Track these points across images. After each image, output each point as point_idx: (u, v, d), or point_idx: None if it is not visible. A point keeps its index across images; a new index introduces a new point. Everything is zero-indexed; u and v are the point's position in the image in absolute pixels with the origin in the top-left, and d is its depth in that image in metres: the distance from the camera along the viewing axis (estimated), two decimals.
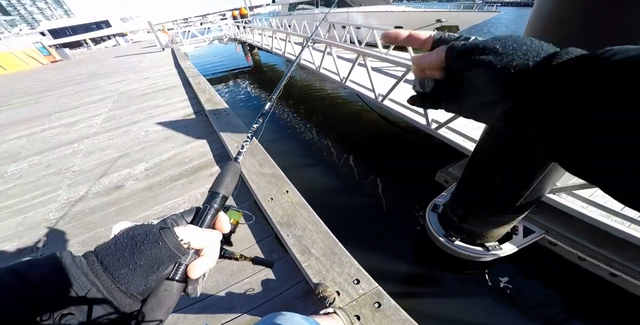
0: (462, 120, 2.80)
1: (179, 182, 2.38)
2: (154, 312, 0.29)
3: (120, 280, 0.27)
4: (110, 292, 0.27)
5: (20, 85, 7.83)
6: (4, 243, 1.93)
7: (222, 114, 3.27)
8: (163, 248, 0.29)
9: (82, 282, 0.26)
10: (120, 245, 0.29)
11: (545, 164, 1.56)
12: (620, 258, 2.00)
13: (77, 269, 0.27)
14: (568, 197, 2.11)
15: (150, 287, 0.29)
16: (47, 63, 14.15)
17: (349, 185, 3.68)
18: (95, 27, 29.06)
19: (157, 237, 0.29)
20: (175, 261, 0.30)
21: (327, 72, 5.30)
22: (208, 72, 10.39)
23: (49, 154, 3.19)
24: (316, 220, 1.73)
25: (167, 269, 0.30)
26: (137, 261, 0.28)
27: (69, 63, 12.30)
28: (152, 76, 6.26)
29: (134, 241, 0.29)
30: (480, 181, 1.94)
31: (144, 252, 0.28)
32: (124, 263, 0.28)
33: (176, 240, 0.30)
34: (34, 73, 10.39)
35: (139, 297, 0.28)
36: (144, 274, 0.28)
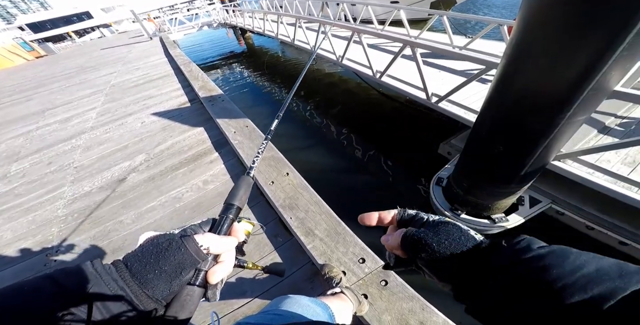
0: (461, 92, 2.78)
1: (179, 171, 2.44)
2: (178, 314, 0.31)
3: (147, 285, 0.30)
4: (138, 297, 0.29)
5: (8, 83, 7.78)
6: (20, 241, 2.02)
7: (217, 100, 3.26)
8: (185, 254, 0.32)
9: (113, 288, 0.29)
10: (146, 252, 0.32)
11: (548, 131, 1.55)
12: (629, 226, 2.01)
13: (107, 275, 0.29)
14: (574, 163, 2.12)
15: (173, 292, 0.32)
16: (32, 59, 13.86)
17: (350, 164, 3.72)
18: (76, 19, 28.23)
19: (179, 244, 0.33)
20: (195, 266, 0.33)
21: (322, 52, 5.20)
22: (200, 59, 10.21)
23: (49, 151, 3.25)
24: (318, 200, 1.77)
25: (188, 274, 0.33)
26: (162, 267, 0.31)
27: (55, 58, 12.11)
28: (142, 67, 6.18)
29: (159, 249, 0.32)
30: (483, 151, 1.95)
31: (167, 258, 0.31)
32: (150, 269, 0.30)
33: (196, 246, 0.33)
34: (20, 70, 10.26)
35: (163, 302, 0.31)
36: (168, 278, 0.31)
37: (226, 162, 2.45)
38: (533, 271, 0.26)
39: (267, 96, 6.61)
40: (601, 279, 0.23)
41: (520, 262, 0.28)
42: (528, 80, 1.41)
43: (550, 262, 0.26)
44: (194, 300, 0.33)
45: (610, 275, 0.23)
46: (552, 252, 0.27)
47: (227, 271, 0.36)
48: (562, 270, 0.25)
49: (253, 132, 2.53)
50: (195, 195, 2.15)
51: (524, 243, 0.30)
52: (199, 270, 0.34)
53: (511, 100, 1.56)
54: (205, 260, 0.35)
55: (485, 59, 2.36)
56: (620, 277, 0.23)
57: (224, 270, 0.35)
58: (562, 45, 1.16)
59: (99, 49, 10.85)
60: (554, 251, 0.27)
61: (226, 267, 0.36)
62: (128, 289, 0.29)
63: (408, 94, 3.37)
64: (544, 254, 0.27)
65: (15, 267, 1.82)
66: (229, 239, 0.38)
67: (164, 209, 2.08)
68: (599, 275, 0.23)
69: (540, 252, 0.27)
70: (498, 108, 1.72)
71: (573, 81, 1.24)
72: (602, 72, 1.15)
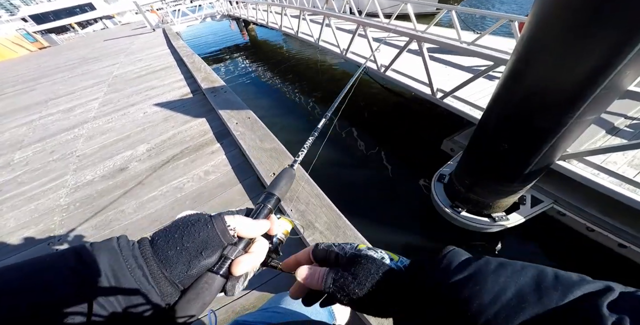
0: (467, 89, 2.77)
1: (181, 161, 2.45)
2: (190, 303, 0.29)
3: (166, 263, 0.29)
4: (155, 277, 0.28)
5: (12, 74, 7.82)
6: (23, 230, 2.04)
7: (219, 91, 3.26)
8: (210, 232, 0.31)
9: (130, 264, 0.28)
10: (174, 227, 0.31)
11: (556, 130, 1.53)
12: (631, 229, 2.01)
13: (128, 250, 0.29)
14: (579, 163, 2.10)
15: (191, 276, 0.30)
16: (35, 50, 13.93)
17: (352, 158, 3.72)
18: (79, 11, 28.13)
19: (207, 221, 0.32)
20: (220, 249, 0.31)
21: (326, 45, 5.16)
22: (204, 51, 10.18)
23: (51, 140, 3.28)
24: (319, 193, 1.76)
25: (210, 258, 0.31)
26: (185, 243, 0.30)
27: (58, 49, 12.12)
28: (145, 58, 6.17)
29: (186, 224, 0.31)
30: (488, 149, 1.94)
31: (192, 234, 0.30)
32: (172, 245, 0.30)
33: (224, 225, 0.32)
34: (24, 60, 10.30)
35: (179, 286, 0.29)
36: (187, 257, 0.29)
37: (228, 153, 2.46)
38: (455, 305, 0.26)
39: (269, 88, 6.60)
40: (521, 307, 0.23)
41: (441, 292, 0.27)
42: (538, 77, 1.39)
43: (470, 293, 0.25)
44: (211, 290, 0.30)
45: (529, 299, 0.23)
46: (472, 277, 0.27)
47: (254, 264, 0.33)
48: (482, 302, 0.24)
49: (255, 123, 2.53)
50: (197, 185, 2.16)
51: (445, 262, 0.30)
52: (225, 258, 0.31)
53: (519, 97, 1.55)
54: (232, 246, 0.32)
55: (494, 55, 2.33)
56: (539, 300, 0.23)
57: (250, 262, 0.33)
58: (577, 42, 1.14)
59: (101, 41, 10.84)
60: (472, 275, 0.27)
61: (254, 258, 0.33)
62: (146, 268, 0.28)
63: (413, 89, 3.35)
64: (463, 281, 0.27)
65: (18, 255, 1.85)
66: (260, 222, 0.36)
67: (165, 198, 2.10)
68: (519, 303, 0.24)
69: (458, 278, 0.27)
70: (505, 105, 1.70)
71: (585, 79, 1.21)
72: (616, 70, 1.12)
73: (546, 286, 0.24)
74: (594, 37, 1.07)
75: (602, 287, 0.23)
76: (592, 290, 0.23)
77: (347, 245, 0.38)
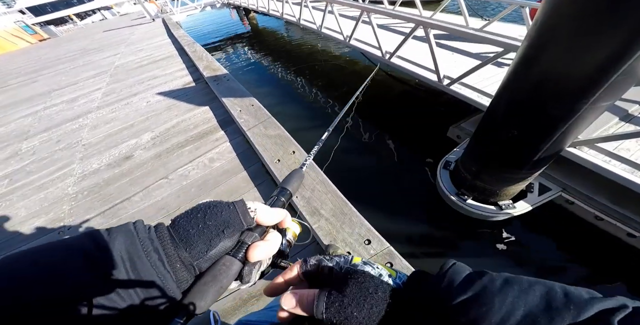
0: (475, 75, 2.72)
1: (186, 149, 2.46)
2: (207, 285, 0.28)
3: (187, 241, 0.29)
4: (171, 261, 0.28)
5: (14, 66, 7.84)
6: (34, 219, 2.09)
7: (222, 79, 3.24)
8: (232, 212, 0.31)
9: (146, 247, 0.28)
10: (196, 209, 0.31)
11: (568, 116, 1.50)
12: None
13: (145, 233, 0.29)
14: (590, 150, 2.05)
15: (210, 258, 0.29)
16: (35, 42, 13.94)
17: (357, 145, 3.71)
18: (76, 2, 27.79)
19: (228, 203, 0.33)
20: (240, 230, 0.31)
21: (329, 32, 5.07)
22: (204, 40, 10.06)
23: (57, 130, 3.31)
24: (324, 180, 1.76)
25: (230, 239, 0.31)
26: (207, 222, 0.30)
27: (57, 40, 12.08)
28: (145, 48, 6.14)
29: (208, 206, 0.32)
30: (496, 135, 1.90)
31: (214, 214, 0.31)
32: (194, 223, 0.30)
33: (245, 207, 0.33)
34: (24, 53, 10.31)
35: (195, 270, 0.29)
36: (209, 235, 0.29)
37: (232, 140, 2.46)
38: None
39: (271, 76, 6.53)
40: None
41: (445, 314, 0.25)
42: (552, 63, 1.34)
43: (476, 315, 0.24)
44: (228, 273, 0.29)
45: (541, 321, 0.22)
46: (477, 298, 0.25)
47: (269, 251, 0.33)
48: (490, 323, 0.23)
49: (259, 110, 2.52)
50: (202, 172, 2.18)
51: (447, 280, 0.27)
52: (242, 243, 0.32)
53: (531, 83, 1.50)
54: (249, 232, 0.33)
55: (504, 41, 2.26)
56: (552, 321, 0.22)
57: (266, 249, 0.32)
58: (595, 27, 1.09)
59: (101, 31, 10.78)
60: (478, 295, 0.25)
61: (270, 246, 0.33)
62: (162, 251, 0.28)
63: (418, 76, 3.29)
64: (468, 302, 0.25)
65: (30, 244, 1.89)
66: (277, 210, 0.37)
67: (171, 186, 2.12)
68: (530, 323, 0.23)
69: (463, 298, 0.25)
70: (516, 91, 1.66)
71: (602, 64, 1.17)
72: (636, 55, 1.07)
73: (557, 306, 0.23)
74: (614, 21, 1.02)
75: (615, 305, 0.22)
76: (605, 307, 0.22)
77: (340, 258, 0.34)
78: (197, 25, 13.33)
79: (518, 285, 0.25)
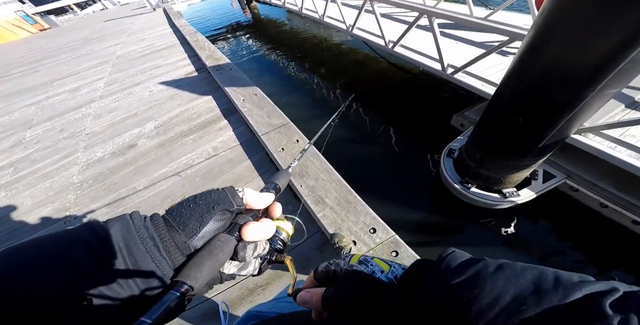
0: (479, 64, 2.65)
1: (189, 137, 2.40)
2: (203, 259, 0.28)
3: (180, 220, 0.30)
4: (166, 247, 0.28)
5: (15, 56, 7.65)
6: (40, 208, 2.04)
7: (224, 69, 3.15)
8: (221, 194, 0.33)
9: (142, 234, 0.28)
10: (189, 197, 0.33)
11: (574, 104, 1.47)
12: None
13: (140, 221, 0.29)
14: (595, 137, 2.00)
15: (204, 236, 0.30)
16: (36, 32, 13.58)
17: (360, 134, 3.64)
18: None
19: (217, 188, 0.34)
20: (230, 210, 0.32)
21: (331, 21, 4.91)
22: (205, 30, 9.79)
23: (60, 119, 3.24)
24: (328, 168, 1.72)
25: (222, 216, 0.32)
26: (198, 201, 0.31)
27: (58, 30, 11.77)
28: (147, 37, 5.96)
29: (199, 193, 0.33)
30: (501, 123, 1.86)
31: (204, 195, 0.32)
32: (186, 204, 0.31)
33: (233, 190, 0.34)
34: (25, 42, 10.06)
35: (190, 248, 0.29)
36: (200, 212, 0.30)
37: (235, 129, 2.40)
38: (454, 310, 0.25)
39: (273, 66, 6.39)
40: (520, 310, 0.22)
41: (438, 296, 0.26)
42: (559, 51, 1.31)
43: (468, 297, 0.24)
44: (223, 248, 0.29)
45: (529, 302, 0.22)
46: (470, 281, 0.26)
47: (262, 232, 0.34)
48: (480, 306, 0.23)
49: (262, 99, 2.45)
50: (206, 161, 2.13)
51: (445, 265, 0.28)
52: (235, 224, 0.32)
53: (537, 71, 1.47)
54: (242, 214, 0.34)
55: (509, 29, 2.19)
56: (539, 302, 0.22)
57: (259, 228, 0.33)
58: (602, 13, 1.06)
59: (102, 21, 10.49)
60: (471, 279, 0.26)
61: (263, 227, 0.34)
62: (158, 238, 0.28)
63: (422, 64, 3.20)
64: (461, 285, 0.26)
65: (36, 234, 1.86)
66: (267, 194, 0.38)
67: (176, 175, 2.08)
68: (518, 306, 0.22)
69: (457, 281, 0.26)
70: (521, 79, 1.62)
71: (610, 52, 1.14)
72: None
73: (546, 288, 0.23)
74: (623, 9, 1.00)
75: (605, 288, 0.22)
76: (594, 290, 0.22)
77: (342, 260, 0.37)
78: (198, 15, 12.99)
79: (511, 270, 0.25)
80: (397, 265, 0.35)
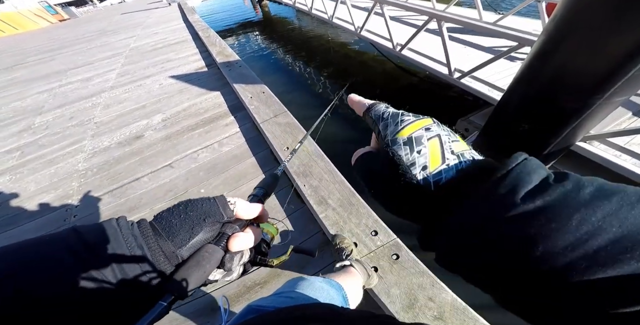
0: (486, 69, 2.58)
1: (196, 132, 2.34)
2: (190, 270, 0.27)
3: (169, 230, 0.28)
4: (155, 256, 0.27)
5: (34, 44, 7.62)
6: (43, 194, 1.98)
7: (234, 66, 3.07)
8: (212, 204, 0.31)
9: (130, 243, 0.26)
10: (177, 204, 0.31)
11: (581, 111, 1.42)
12: None
13: (128, 230, 0.27)
14: (600, 145, 1.93)
15: (192, 246, 0.29)
16: (56, 22, 13.61)
17: (364, 135, 3.56)
18: None
19: (208, 197, 0.32)
20: (220, 221, 0.31)
21: (340, 22, 4.81)
22: (217, 27, 9.71)
23: (70, 107, 3.19)
24: (332, 169, 1.66)
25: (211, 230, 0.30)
26: (189, 212, 0.29)
27: (77, 21, 11.74)
28: (161, 31, 5.88)
29: (190, 201, 0.31)
30: (507, 128, 1.81)
31: (195, 206, 0.30)
32: (176, 214, 0.29)
33: (225, 201, 0.32)
34: (45, 32, 10.03)
35: (178, 259, 0.28)
36: (191, 224, 0.29)
37: (242, 126, 2.33)
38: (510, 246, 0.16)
39: (281, 64, 6.30)
40: (617, 258, 0.14)
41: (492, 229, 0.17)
42: (569, 57, 1.28)
43: (536, 231, 0.16)
44: (210, 259, 0.29)
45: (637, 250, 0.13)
46: (545, 209, 0.16)
47: (249, 241, 0.32)
48: (554, 245, 0.15)
49: (270, 98, 2.38)
50: (211, 156, 2.07)
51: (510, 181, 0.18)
52: (223, 234, 0.31)
53: (546, 77, 1.43)
54: (230, 224, 0.32)
55: (518, 35, 2.11)
56: None
57: (246, 239, 0.32)
58: (613, 20, 1.04)
59: (119, 14, 10.43)
60: (548, 207, 0.16)
61: (249, 237, 0.32)
62: (146, 247, 0.27)
63: (429, 68, 3.11)
64: (530, 215, 0.16)
65: (37, 221, 1.80)
66: (256, 205, 0.36)
67: (180, 168, 2.02)
68: (615, 253, 0.14)
69: (528, 208, 0.16)
70: (530, 85, 1.58)
71: (620, 59, 1.11)
72: None
73: None
74: (634, 17, 0.98)
75: None
76: None
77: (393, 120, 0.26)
78: (211, 11, 12.88)
79: (618, 197, 0.16)
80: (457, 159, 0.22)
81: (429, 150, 0.22)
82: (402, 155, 0.22)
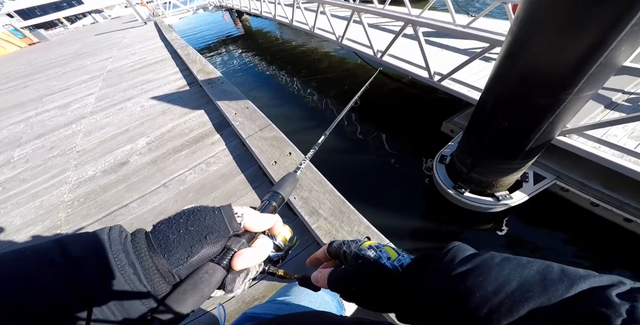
0: (465, 71, 2.73)
1: (182, 153, 2.37)
2: (186, 295, 0.25)
3: (165, 247, 0.26)
4: (148, 275, 0.25)
5: (3, 71, 7.54)
6: (30, 227, 1.98)
7: (216, 82, 3.15)
8: (217, 218, 0.29)
9: (120, 260, 0.24)
10: (179, 214, 0.29)
11: (554, 107, 1.53)
12: (635, 202, 1.99)
13: (119, 245, 0.25)
14: (579, 138, 2.07)
15: (191, 265, 0.26)
16: (24, 46, 13.44)
17: (353, 144, 3.67)
18: (66, 5, 26.95)
19: (214, 208, 0.30)
20: (225, 236, 0.29)
21: (322, 32, 4.99)
22: (197, 43, 9.86)
23: (50, 137, 3.17)
24: (321, 179, 1.72)
25: (214, 246, 0.28)
26: (189, 227, 0.27)
27: (48, 44, 11.67)
28: (138, 51, 5.94)
29: (192, 211, 0.29)
30: (488, 127, 1.91)
31: (197, 219, 0.28)
32: (175, 229, 0.27)
33: (231, 212, 0.30)
34: (14, 57, 9.93)
35: (175, 278, 0.26)
36: (190, 241, 0.27)
37: (228, 143, 2.38)
38: (456, 297, 0.25)
39: (265, 78, 6.43)
40: (525, 296, 0.22)
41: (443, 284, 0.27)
42: (535, 57, 1.37)
43: (472, 283, 0.25)
44: (210, 281, 0.26)
45: (534, 290, 0.22)
46: (475, 269, 0.26)
47: (257, 259, 0.30)
48: (485, 293, 0.24)
49: (254, 113, 2.45)
50: (199, 177, 2.11)
51: (449, 256, 0.29)
52: (227, 249, 0.28)
53: (517, 76, 1.53)
54: (236, 237, 0.30)
55: (489, 36, 2.26)
56: (544, 290, 0.22)
57: (253, 256, 0.29)
58: (570, 20, 1.13)
59: (92, 35, 10.44)
60: (476, 268, 0.26)
61: (257, 254, 0.30)
62: (138, 265, 0.25)
63: (410, 73, 3.26)
64: (466, 273, 0.26)
65: None
66: (267, 215, 0.34)
67: (168, 191, 2.04)
68: (522, 293, 0.23)
69: (462, 270, 0.26)
70: (503, 85, 1.68)
71: (580, 56, 1.21)
72: (611, 47, 1.11)
73: (552, 278, 0.23)
74: (589, 15, 1.06)
75: (612, 281, 0.22)
76: (601, 283, 0.22)
77: (354, 243, 0.39)
78: (190, 28, 13.05)
79: (517, 261, 0.26)
80: (407, 255, 0.34)
81: (387, 250, 0.35)
82: (370, 254, 0.34)
